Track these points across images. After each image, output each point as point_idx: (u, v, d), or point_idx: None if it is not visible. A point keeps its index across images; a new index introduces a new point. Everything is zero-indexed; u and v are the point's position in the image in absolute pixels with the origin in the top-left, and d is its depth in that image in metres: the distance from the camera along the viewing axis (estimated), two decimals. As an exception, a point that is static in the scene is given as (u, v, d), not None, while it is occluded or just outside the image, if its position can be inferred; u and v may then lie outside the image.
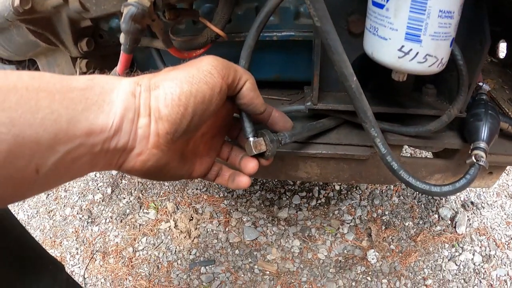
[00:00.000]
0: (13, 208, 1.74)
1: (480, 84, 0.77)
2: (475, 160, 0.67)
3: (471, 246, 1.47)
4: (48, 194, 1.79)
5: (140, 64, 0.95)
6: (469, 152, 0.70)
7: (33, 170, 0.36)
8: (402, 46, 0.55)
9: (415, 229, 1.54)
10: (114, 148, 0.42)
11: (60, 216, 1.69)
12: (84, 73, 0.82)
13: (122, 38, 0.62)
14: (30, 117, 0.34)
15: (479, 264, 1.41)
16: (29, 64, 0.97)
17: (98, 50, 0.83)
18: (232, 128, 0.65)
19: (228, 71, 0.49)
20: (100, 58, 0.85)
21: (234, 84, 0.51)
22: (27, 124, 0.34)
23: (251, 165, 0.60)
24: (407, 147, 1.80)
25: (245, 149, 0.60)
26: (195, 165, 0.58)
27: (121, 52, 0.65)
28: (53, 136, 0.36)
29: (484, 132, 0.70)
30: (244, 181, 0.60)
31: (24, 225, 0.69)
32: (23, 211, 1.73)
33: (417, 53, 0.55)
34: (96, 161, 0.42)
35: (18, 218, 1.42)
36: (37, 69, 0.93)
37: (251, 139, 0.58)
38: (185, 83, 0.44)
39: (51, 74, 0.38)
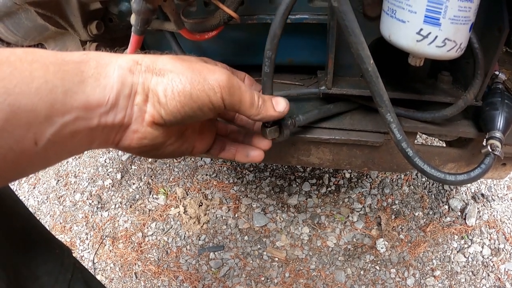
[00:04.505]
0: (24, 194, 1.76)
1: (496, 72, 0.75)
2: (490, 150, 0.66)
3: (480, 239, 1.46)
4: (58, 180, 1.80)
5: (151, 48, 0.94)
6: (484, 141, 0.69)
7: (32, 142, 0.36)
8: (421, 29, 0.53)
9: (424, 220, 1.53)
10: (112, 124, 0.43)
11: (70, 201, 1.71)
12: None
13: (132, 19, 0.61)
14: (25, 87, 0.35)
15: (487, 257, 1.40)
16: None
17: (108, 33, 0.82)
18: None
19: (231, 98, 0.48)
20: (110, 42, 0.84)
21: (232, 109, 0.51)
22: (22, 94, 0.35)
23: (265, 143, 0.62)
24: (419, 136, 1.79)
25: (242, 127, 0.65)
26: (195, 143, 0.58)
27: (132, 34, 0.64)
28: (49, 105, 0.36)
29: (500, 122, 0.69)
30: (258, 154, 0.62)
31: (34, 211, 0.69)
32: (33, 197, 1.74)
33: (436, 36, 0.53)
34: (93, 137, 0.43)
35: (28, 205, 1.44)
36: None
37: (267, 129, 0.60)
38: (189, 84, 0.44)
39: (45, 50, 0.39)
